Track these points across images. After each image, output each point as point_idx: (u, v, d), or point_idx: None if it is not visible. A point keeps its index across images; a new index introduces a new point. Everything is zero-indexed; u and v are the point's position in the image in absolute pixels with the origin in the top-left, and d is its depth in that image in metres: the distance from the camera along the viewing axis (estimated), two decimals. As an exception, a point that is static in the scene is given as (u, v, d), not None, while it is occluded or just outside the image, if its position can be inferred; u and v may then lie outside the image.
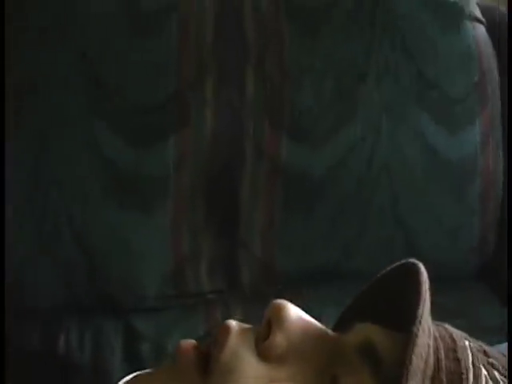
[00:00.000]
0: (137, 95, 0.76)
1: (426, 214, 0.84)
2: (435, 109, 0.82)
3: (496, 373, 0.44)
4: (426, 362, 0.42)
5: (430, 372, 0.42)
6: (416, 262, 0.48)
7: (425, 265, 0.86)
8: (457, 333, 0.48)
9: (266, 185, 0.78)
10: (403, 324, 0.44)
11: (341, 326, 0.51)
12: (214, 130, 0.76)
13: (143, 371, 0.48)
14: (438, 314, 0.54)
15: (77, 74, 0.74)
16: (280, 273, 0.82)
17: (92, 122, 0.75)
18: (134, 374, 0.48)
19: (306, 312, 0.49)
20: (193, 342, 0.46)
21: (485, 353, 0.47)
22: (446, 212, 0.84)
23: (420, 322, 0.42)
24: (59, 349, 0.75)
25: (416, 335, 0.41)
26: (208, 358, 0.45)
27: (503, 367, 0.45)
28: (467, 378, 0.43)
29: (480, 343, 0.49)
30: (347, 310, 0.54)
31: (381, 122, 0.79)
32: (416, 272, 0.46)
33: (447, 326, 0.49)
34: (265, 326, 0.45)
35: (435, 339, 0.45)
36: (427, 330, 0.43)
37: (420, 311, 0.42)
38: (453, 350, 0.45)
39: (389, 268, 0.51)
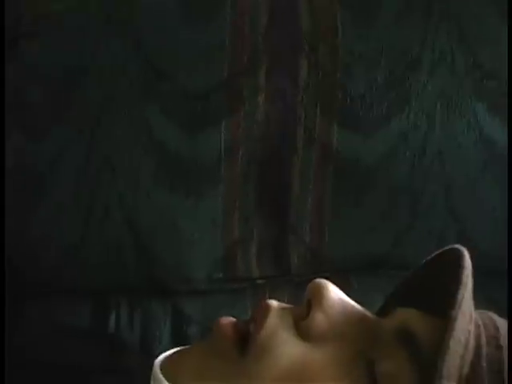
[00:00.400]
0: (189, 80, 0.76)
1: (479, 206, 0.83)
2: (492, 99, 0.80)
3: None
4: (466, 347, 0.42)
5: (469, 358, 0.42)
6: (460, 247, 0.48)
7: (478, 257, 0.85)
8: (501, 321, 0.47)
9: (317, 171, 0.78)
10: (444, 310, 0.44)
11: (384, 311, 0.51)
12: (265, 116, 0.76)
13: (183, 347, 0.49)
14: (490, 309, 0.53)
15: (130, 59, 0.75)
16: (328, 260, 0.82)
17: (145, 106, 0.76)
18: (175, 349, 0.49)
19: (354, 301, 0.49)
20: (232, 319, 0.46)
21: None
22: (501, 204, 0.83)
23: (459, 306, 0.41)
24: (109, 327, 0.77)
25: (454, 319, 0.41)
26: (246, 337, 0.45)
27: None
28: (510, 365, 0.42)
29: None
30: (391, 296, 0.54)
31: (435, 110, 0.78)
32: (459, 257, 0.46)
33: (492, 314, 0.48)
34: (305, 305, 0.45)
35: (477, 326, 0.45)
36: (468, 315, 0.43)
37: (460, 295, 0.42)
38: (495, 337, 0.44)
39: (433, 254, 0.51)
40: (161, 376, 0.45)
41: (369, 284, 0.81)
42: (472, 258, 0.84)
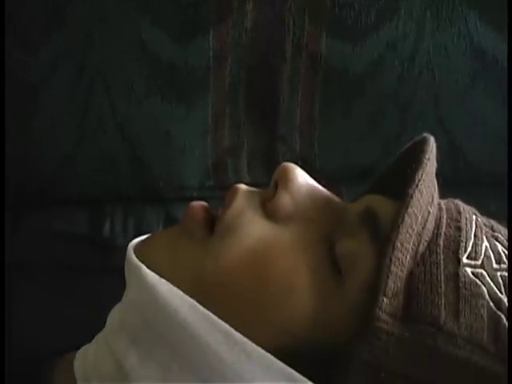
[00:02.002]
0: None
1: (469, 116, 0.83)
2: (483, 7, 0.80)
3: (499, 245, 0.45)
4: (424, 225, 0.43)
5: (427, 237, 0.43)
6: (427, 135, 0.49)
7: (466, 167, 0.86)
8: (466, 207, 0.49)
9: (306, 80, 0.79)
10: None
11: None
12: (254, 24, 0.77)
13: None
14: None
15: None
16: (320, 169, 0.83)
17: (136, 17, 0.77)
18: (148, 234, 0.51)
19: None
20: (203, 203, 0.48)
21: (492, 228, 0.47)
22: (490, 114, 0.83)
23: (417, 185, 0.42)
24: (104, 233, 0.79)
25: (411, 196, 0.42)
26: (215, 220, 0.47)
27: (509, 242, 0.46)
28: (465, 246, 0.43)
29: (491, 221, 0.49)
30: (367, 189, 0.55)
31: (424, 19, 0.78)
32: (423, 143, 0.47)
33: (458, 201, 0.50)
34: (272, 187, 0.47)
35: (440, 210, 0.46)
36: (427, 195, 0.44)
37: (418, 175, 0.43)
38: (456, 220, 0.45)
39: (406, 145, 0.52)
40: (133, 256, 0.47)
41: (359, 193, 0.83)
42: (460, 167, 0.86)
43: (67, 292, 0.68)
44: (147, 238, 0.50)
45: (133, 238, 0.78)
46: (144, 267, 0.45)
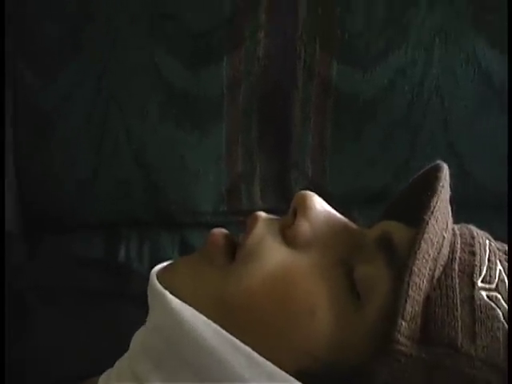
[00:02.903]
0: (194, 20, 0.79)
1: (478, 139, 0.85)
2: (491, 32, 0.81)
3: (513, 269, 0.46)
4: (439, 251, 0.44)
5: (442, 261, 0.45)
6: (440, 162, 0.50)
7: (476, 191, 0.86)
8: (479, 232, 0.50)
9: (317, 106, 0.80)
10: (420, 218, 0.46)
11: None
12: (266, 52, 0.78)
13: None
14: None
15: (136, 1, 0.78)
16: (331, 194, 0.84)
17: (151, 45, 0.79)
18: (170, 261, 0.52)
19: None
20: (224, 230, 0.49)
21: (505, 252, 0.48)
22: (499, 138, 0.84)
23: (432, 212, 0.44)
24: (120, 257, 0.81)
25: (426, 222, 0.43)
26: (237, 246, 0.48)
27: (523, 266, 0.47)
28: (480, 270, 0.45)
29: (504, 245, 0.50)
30: (381, 215, 0.56)
31: (433, 45, 0.80)
32: (436, 170, 0.48)
33: (471, 226, 0.51)
34: (291, 215, 0.48)
35: (454, 235, 0.47)
36: (442, 222, 0.45)
37: (433, 202, 0.44)
38: (470, 244, 0.47)
39: (419, 172, 0.53)
40: (156, 282, 0.48)
41: (371, 218, 0.84)
42: (470, 191, 0.87)
43: (84, 316, 0.69)
44: (169, 264, 0.51)
45: (148, 263, 0.81)
46: (168, 293, 0.47)
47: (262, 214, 0.49)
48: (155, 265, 0.81)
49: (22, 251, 0.84)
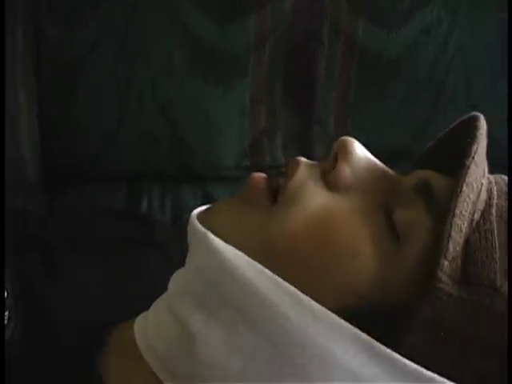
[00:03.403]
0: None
1: (500, 102, 0.85)
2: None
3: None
4: (478, 195, 0.45)
5: (481, 206, 0.46)
6: (477, 114, 0.51)
7: (497, 151, 0.87)
8: (512, 181, 0.51)
9: (342, 64, 0.81)
10: (460, 165, 0.47)
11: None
12: (292, 9, 0.79)
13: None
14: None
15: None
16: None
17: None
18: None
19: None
20: (264, 175, 0.50)
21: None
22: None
23: (473, 158, 0.45)
24: (142, 208, 0.81)
25: (468, 167, 0.44)
26: (277, 190, 0.49)
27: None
28: (516, 216, 0.46)
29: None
30: (413, 165, 0.57)
31: (459, 5, 0.80)
32: (474, 120, 0.49)
33: (504, 176, 0.52)
34: (332, 160, 0.49)
35: (490, 182, 0.48)
36: (482, 168, 0.46)
37: (474, 148, 0.45)
38: (505, 192, 0.48)
39: (455, 122, 0.54)
40: (197, 223, 0.49)
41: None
42: (491, 152, 0.88)
43: (110, 263, 0.70)
44: (210, 206, 0.52)
45: (170, 215, 0.82)
46: (210, 233, 0.47)
47: (303, 158, 0.49)
48: (177, 217, 0.83)
49: (45, 202, 0.85)
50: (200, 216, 0.50)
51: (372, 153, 0.84)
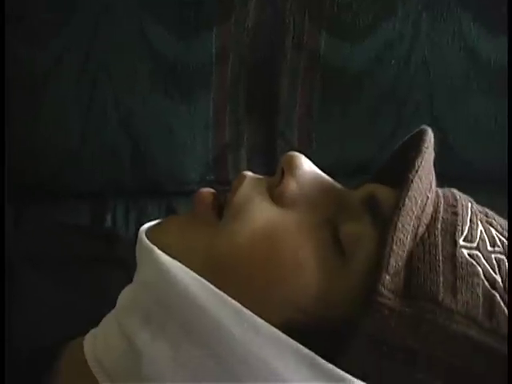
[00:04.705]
0: (183, -11, 0.79)
1: (462, 115, 0.86)
2: (477, 9, 0.82)
3: (493, 230, 0.47)
4: (423, 209, 0.45)
5: (426, 220, 0.46)
6: (425, 127, 0.51)
7: (460, 166, 0.88)
8: (462, 196, 0.51)
9: (305, 77, 0.81)
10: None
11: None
12: (255, 23, 0.79)
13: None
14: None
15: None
16: (317, 164, 0.84)
17: (140, 15, 0.79)
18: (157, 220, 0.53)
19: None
20: (211, 189, 0.50)
21: (486, 214, 0.49)
22: (483, 113, 0.85)
23: (416, 171, 0.45)
24: (106, 224, 0.81)
25: (411, 180, 0.44)
26: (224, 204, 0.49)
27: (502, 227, 0.48)
28: (462, 230, 0.46)
29: (486, 209, 0.52)
30: (368, 180, 0.57)
31: (420, 19, 0.80)
32: (421, 134, 0.49)
33: (454, 190, 0.52)
34: (278, 174, 0.49)
35: (437, 196, 0.48)
36: (427, 182, 0.46)
37: (418, 162, 0.45)
38: (453, 205, 0.48)
39: (406, 138, 0.54)
40: (145, 238, 0.49)
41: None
42: (454, 165, 0.88)
43: (71, 281, 0.70)
44: (158, 222, 0.52)
45: (134, 231, 0.81)
46: (156, 249, 0.47)
47: (249, 173, 0.49)
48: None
49: (8, 219, 0.84)
50: (148, 231, 0.50)
51: (336, 166, 0.85)
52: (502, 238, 0.47)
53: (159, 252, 0.47)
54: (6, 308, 0.62)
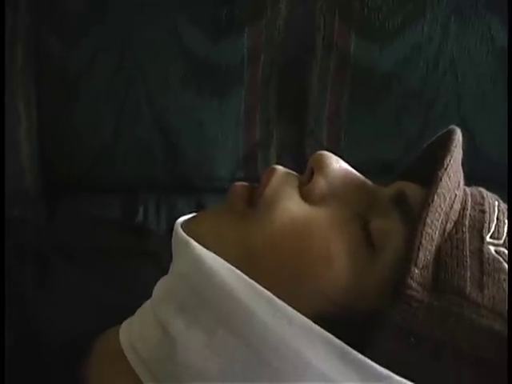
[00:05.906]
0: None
1: (490, 117, 0.87)
2: (505, 12, 0.83)
3: (519, 229, 0.48)
4: (451, 206, 0.46)
5: (454, 217, 0.47)
6: (453, 126, 0.52)
7: (487, 167, 0.88)
8: (489, 194, 0.52)
9: (335, 77, 0.82)
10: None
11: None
12: (286, 23, 0.80)
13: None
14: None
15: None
16: (345, 161, 0.86)
17: (173, 14, 0.81)
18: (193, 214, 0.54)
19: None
20: (245, 183, 0.51)
21: (513, 214, 0.50)
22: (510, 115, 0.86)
23: (446, 169, 0.46)
24: (138, 218, 0.83)
25: (440, 178, 0.45)
26: (256, 197, 0.50)
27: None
28: (488, 227, 0.47)
29: (512, 207, 0.53)
30: (395, 178, 0.58)
31: (448, 22, 0.82)
32: (450, 134, 0.50)
33: (482, 188, 0.53)
34: (307, 173, 0.50)
35: (465, 194, 0.49)
36: (455, 180, 0.47)
37: (447, 160, 0.47)
38: (480, 203, 0.49)
39: (435, 137, 0.56)
40: (181, 230, 0.51)
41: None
42: (481, 166, 0.89)
43: (104, 273, 0.71)
44: (194, 215, 0.53)
45: (165, 226, 0.83)
46: (192, 240, 0.49)
47: (279, 166, 0.51)
48: (172, 227, 0.84)
49: (42, 212, 0.87)
50: (184, 224, 0.51)
51: (364, 165, 0.86)
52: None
53: (195, 244, 0.48)
54: (40, 299, 0.64)
